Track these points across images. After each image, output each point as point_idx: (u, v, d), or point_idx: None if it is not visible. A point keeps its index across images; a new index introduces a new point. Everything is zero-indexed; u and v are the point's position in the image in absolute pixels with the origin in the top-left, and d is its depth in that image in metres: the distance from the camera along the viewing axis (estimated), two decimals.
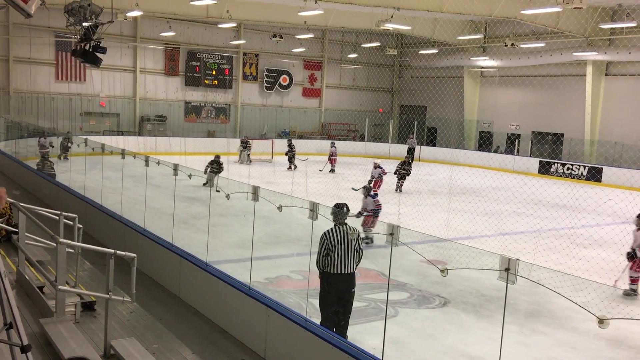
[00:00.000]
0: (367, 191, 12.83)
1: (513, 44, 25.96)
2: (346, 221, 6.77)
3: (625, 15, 24.78)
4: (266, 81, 35.42)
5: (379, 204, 12.75)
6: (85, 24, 10.05)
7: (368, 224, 12.48)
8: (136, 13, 23.51)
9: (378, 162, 19.76)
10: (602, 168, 26.30)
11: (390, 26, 22.72)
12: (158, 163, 9.49)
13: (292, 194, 13.44)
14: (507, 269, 4.18)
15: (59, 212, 7.58)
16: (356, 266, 6.77)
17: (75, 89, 29.54)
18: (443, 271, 4.84)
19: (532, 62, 30.14)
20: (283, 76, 35.91)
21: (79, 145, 15.05)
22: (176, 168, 8.80)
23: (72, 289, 6.75)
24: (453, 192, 20.46)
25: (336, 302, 6.69)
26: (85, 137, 14.60)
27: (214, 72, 33.62)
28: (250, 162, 27.09)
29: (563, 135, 30.62)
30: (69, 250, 6.88)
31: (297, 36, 32.01)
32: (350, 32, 36.28)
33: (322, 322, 6.61)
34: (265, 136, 33.46)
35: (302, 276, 9.69)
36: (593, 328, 5.99)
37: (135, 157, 10.37)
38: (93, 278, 8.14)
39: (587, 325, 7.91)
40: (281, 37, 29.10)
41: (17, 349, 3.42)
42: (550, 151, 30.21)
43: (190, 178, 8.75)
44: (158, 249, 8.59)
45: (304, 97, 37.15)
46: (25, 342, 3.42)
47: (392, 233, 5.07)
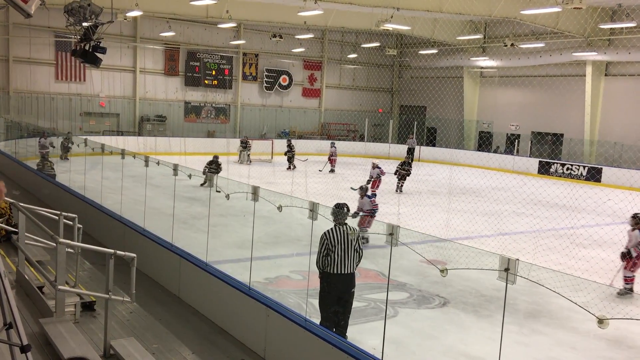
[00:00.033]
0: (364, 191, 12.72)
1: (513, 44, 25.97)
2: (346, 221, 6.78)
3: (624, 15, 24.81)
4: (266, 81, 35.41)
5: (376, 205, 12.65)
6: (85, 24, 10.03)
7: (364, 224, 12.46)
8: (136, 13, 23.51)
9: (376, 163, 19.77)
10: (602, 168, 26.31)
11: (390, 26, 22.71)
12: (158, 163, 9.49)
13: (292, 194, 13.42)
14: (507, 269, 4.18)
15: (59, 212, 7.57)
16: (356, 266, 6.77)
17: (75, 89, 29.53)
18: (443, 271, 4.85)
19: (532, 62, 30.14)
20: (283, 76, 35.91)
21: (79, 145, 15.06)
22: (176, 168, 8.80)
23: (72, 289, 6.74)
24: (453, 192, 20.47)
25: (336, 302, 6.69)
26: (85, 137, 14.61)
27: (214, 72, 33.61)
28: (250, 162, 27.09)
29: (563, 135, 30.62)
30: (69, 250, 6.89)
31: (297, 36, 31.99)
32: (350, 32, 36.27)
33: (322, 322, 6.61)
34: (265, 136, 33.45)
35: (302, 276, 9.69)
36: (593, 328, 6.00)
37: (135, 157, 10.38)
38: (93, 278, 8.13)
39: (587, 325, 7.92)
40: (281, 37, 29.10)
41: (17, 349, 3.42)
42: (549, 151, 30.23)
43: (190, 178, 8.75)
44: (158, 249, 8.59)
45: (304, 97, 37.14)
46: (25, 342, 3.43)
47: (392, 233, 5.08)
